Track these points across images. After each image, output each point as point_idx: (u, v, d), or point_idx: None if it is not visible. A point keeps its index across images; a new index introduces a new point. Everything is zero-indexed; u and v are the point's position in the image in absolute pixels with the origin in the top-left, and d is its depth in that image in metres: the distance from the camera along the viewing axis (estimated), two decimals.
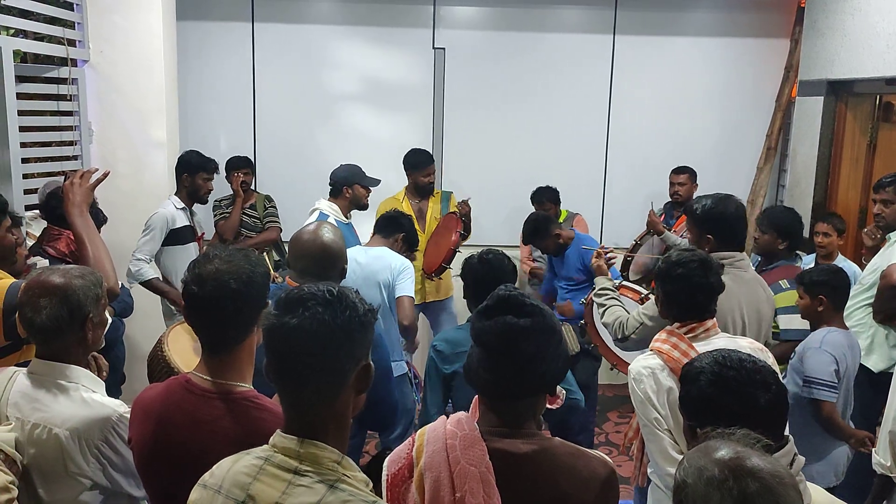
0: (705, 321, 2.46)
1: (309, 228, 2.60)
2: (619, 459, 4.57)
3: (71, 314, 1.88)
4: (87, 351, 1.99)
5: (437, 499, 1.54)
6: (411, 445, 1.65)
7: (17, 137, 3.57)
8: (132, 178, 4.42)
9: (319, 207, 4.17)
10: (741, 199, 3.02)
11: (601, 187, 5.65)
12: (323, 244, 2.51)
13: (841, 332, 3.07)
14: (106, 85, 4.36)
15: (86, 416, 1.87)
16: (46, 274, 1.93)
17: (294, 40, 5.41)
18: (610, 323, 3.10)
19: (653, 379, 2.36)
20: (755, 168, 5.60)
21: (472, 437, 1.57)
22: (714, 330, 2.47)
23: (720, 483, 1.25)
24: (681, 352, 2.35)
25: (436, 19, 5.44)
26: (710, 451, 1.32)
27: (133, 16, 4.34)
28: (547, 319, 1.62)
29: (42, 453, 1.86)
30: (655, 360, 2.40)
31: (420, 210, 4.87)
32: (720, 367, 1.76)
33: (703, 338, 2.43)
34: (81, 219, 2.58)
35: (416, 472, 1.59)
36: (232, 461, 1.40)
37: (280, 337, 1.33)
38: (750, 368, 1.75)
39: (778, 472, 1.26)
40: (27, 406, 1.89)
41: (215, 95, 5.41)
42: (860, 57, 4.43)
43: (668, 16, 5.50)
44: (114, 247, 3.83)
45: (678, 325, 2.47)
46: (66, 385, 1.91)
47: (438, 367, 2.78)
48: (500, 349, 1.58)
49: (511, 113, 5.55)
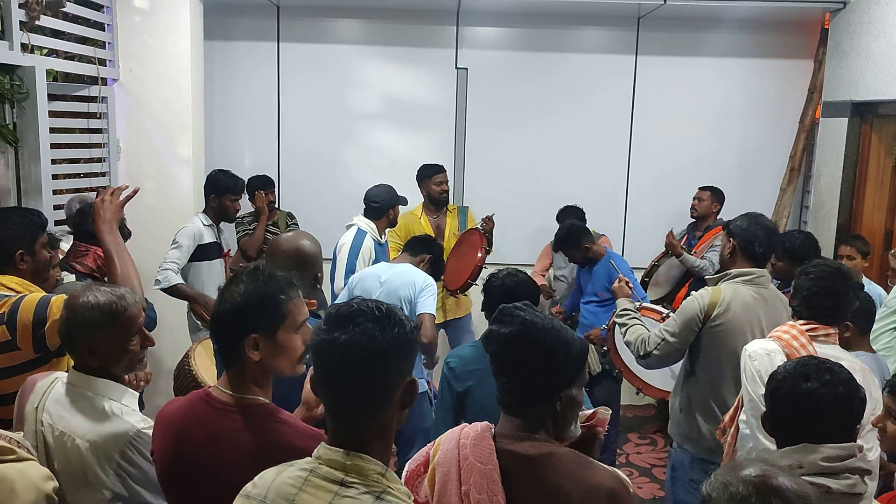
0: (830, 327, 2.55)
1: (285, 235, 2.58)
2: (640, 480, 4.53)
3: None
4: (125, 369, 2.02)
5: (445, 491, 1.60)
6: (431, 446, 1.72)
7: (49, 154, 3.64)
8: (158, 194, 4.49)
9: (357, 224, 4.18)
10: None
11: (623, 207, 5.64)
12: (298, 247, 2.48)
13: (869, 356, 3.03)
14: (134, 103, 4.44)
15: (104, 430, 1.90)
16: (85, 293, 1.98)
17: (318, 60, 5.48)
18: (632, 341, 3.11)
19: (768, 359, 2.43)
20: (778, 189, 5.57)
21: (482, 438, 1.64)
22: (833, 338, 2.56)
23: (743, 499, 1.25)
24: (800, 343, 2.45)
25: (458, 40, 5.48)
26: (738, 468, 1.32)
27: (162, 36, 4.43)
28: (532, 331, 1.64)
29: (68, 461, 1.91)
30: (773, 345, 2.48)
31: (438, 226, 4.89)
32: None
33: (823, 341, 2.52)
34: (111, 235, 2.62)
35: (430, 468, 1.66)
36: (276, 472, 1.41)
37: (329, 352, 1.35)
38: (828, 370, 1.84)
39: (804, 494, 1.25)
40: (57, 413, 1.94)
41: (241, 114, 5.48)
42: (885, 79, 4.40)
43: (691, 36, 5.50)
44: (138, 262, 3.87)
45: (802, 322, 2.55)
46: (93, 397, 1.95)
47: (451, 384, 2.73)
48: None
49: (533, 133, 5.56)
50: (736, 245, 3.00)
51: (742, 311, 2.65)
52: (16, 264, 2.49)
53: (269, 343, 1.72)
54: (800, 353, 2.36)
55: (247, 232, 4.93)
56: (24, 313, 2.27)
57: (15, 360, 2.27)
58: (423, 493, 1.64)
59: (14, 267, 2.49)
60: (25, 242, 2.51)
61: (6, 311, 2.28)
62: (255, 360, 1.69)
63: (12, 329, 2.26)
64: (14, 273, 2.48)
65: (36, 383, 2.02)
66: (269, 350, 1.72)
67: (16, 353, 2.25)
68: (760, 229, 3.00)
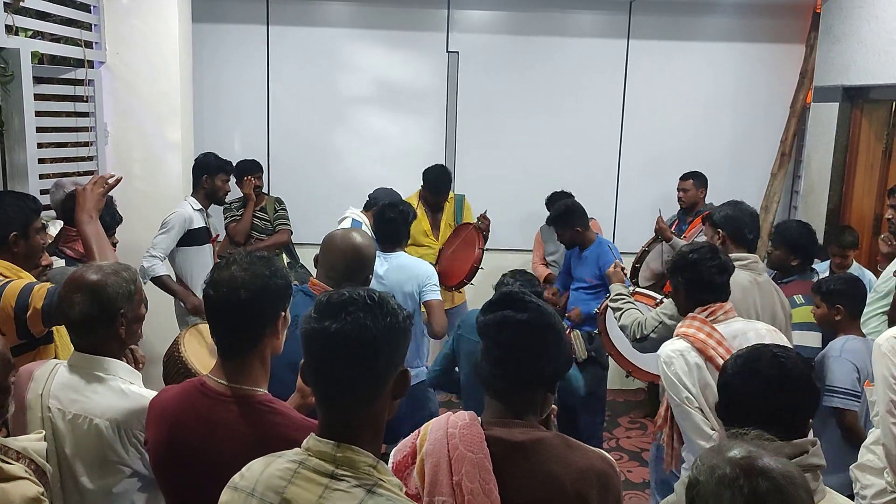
0: (724, 303, 2.58)
1: (340, 231, 2.61)
2: (630, 464, 4.56)
3: (101, 310, 1.92)
4: (123, 345, 2.03)
5: (436, 482, 1.59)
6: (416, 436, 1.70)
7: (35, 138, 3.60)
8: (147, 179, 4.45)
9: (351, 216, 4.16)
10: (754, 206, 3.15)
11: (614, 191, 5.64)
12: (356, 246, 2.53)
13: (859, 340, 3.05)
14: (122, 86, 4.38)
15: (125, 407, 1.91)
16: (83, 270, 1.99)
17: (308, 43, 5.43)
18: (628, 325, 3.13)
19: (682, 360, 2.47)
20: (769, 174, 5.58)
21: (471, 426, 1.63)
22: (732, 313, 2.59)
23: (731, 481, 1.27)
24: (705, 333, 2.48)
25: (450, 23, 5.44)
26: (723, 450, 1.34)
27: (149, 18, 4.37)
28: (546, 317, 1.67)
29: (83, 443, 1.91)
30: (683, 343, 2.51)
31: (434, 218, 4.87)
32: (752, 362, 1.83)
33: (723, 320, 2.56)
34: (91, 225, 2.60)
35: (419, 459, 1.64)
36: (264, 464, 1.39)
37: (320, 341, 1.33)
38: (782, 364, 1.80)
39: (789, 473, 1.28)
40: (67, 397, 1.93)
41: (230, 97, 5.43)
42: (876, 63, 4.41)
43: (683, 20, 5.49)
44: (128, 247, 3.87)
45: (700, 309, 2.57)
46: (105, 377, 1.96)
47: (455, 340, 3.13)
48: (499, 341, 1.64)
49: (524, 117, 5.54)
50: (725, 235, 3.03)
51: (740, 296, 2.70)
52: (9, 247, 2.48)
53: (282, 321, 1.77)
54: (708, 342, 2.44)
55: (235, 218, 4.90)
56: (7, 299, 2.28)
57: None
58: (413, 484, 1.62)
59: (7, 250, 2.48)
60: (20, 225, 2.50)
61: None
62: (276, 340, 1.74)
63: None
64: (6, 256, 2.47)
65: (33, 372, 2.01)
66: (281, 328, 1.77)
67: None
68: (745, 215, 3.09)
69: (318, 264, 2.64)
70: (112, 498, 1.93)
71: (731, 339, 2.48)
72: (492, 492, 1.55)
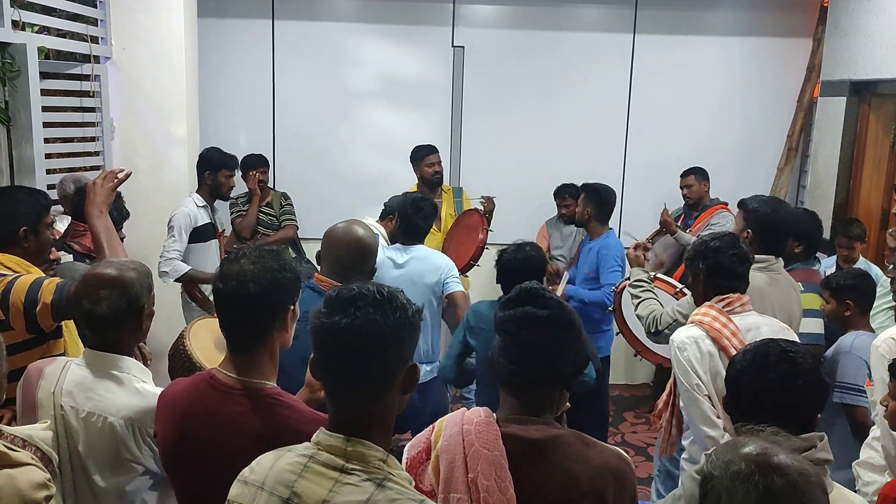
0: (742, 295, 2.58)
1: (342, 224, 2.60)
2: (636, 459, 4.56)
3: (130, 305, 1.94)
4: (138, 341, 2.05)
5: (451, 479, 1.59)
6: (431, 431, 1.69)
7: (41, 133, 3.60)
8: (152, 173, 4.45)
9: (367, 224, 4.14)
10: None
11: (619, 185, 5.61)
12: (359, 238, 2.53)
13: (869, 336, 3.03)
14: (128, 81, 4.38)
15: (139, 406, 1.91)
16: (103, 267, 2.00)
17: (313, 38, 5.42)
18: (644, 316, 3.13)
19: (696, 346, 2.47)
20: (776, 168, 5.56)
21: (486, 423, 1.62)
22: (748, 306, 2.59)
23: (746, 477, 1.26)
24: (721, 323, 2.48)
25: (455, 18, 5.43)
26: (739, 445, 1.33)
27: (155, 13, 4.36)
28: (566, 314, 1.67)
29: (96, 441, 1.91)
30: (697, 331, 2.51)
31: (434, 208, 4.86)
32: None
33: (740, 311, 2.56)
34: (100, 219, 2.61)
35: (433, 455, 1.63)
36: (273, 457, 1.39)
37: (329, 336, 1.33)
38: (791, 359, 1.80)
39: (805, 471, 1.27)
40: (81, 395, 1.93)
41: (235, 92, 5.43)
42: (883, 57, 4.38)
43: (689, 15, 5.46)
44: (133, 241, 3.87)
45: (717, 298, 2.57)
46: (120, 375, 1.96)
47: (465, 330, 3.08)
48: (518, 337, 1.64)
49: (530, 111, 5.53)
50: (754, 235, 3.00)
51: (757, 297, 2.68)
52: (19, 242, 2.48)
53: (291, 315, 1.78)
54: (723, 332, 2.46)
55: (240, 213, 4.90)
56: (17, 294, 2.28)
57: (9, 340, 2.26)
58: (428, 480, 1.62)
59: (17, 245, 2.47)
60: (31, 220, 2.50)
61: (0, 291, 2.27)
62: (285, 334, 1.75)
63: (5, 309, 2.26)
64: (16, 251, 2.47)
65: (43, 369, 2.00)
66: (290, 321, 1.78)
67: (10, 333, 2.24)
68: (780, 224, 3.03)
69: (320, 259, 2.62)
70: (124, 496, 1.93)
71: (745, 332, 2.48)
72: (507, 489, 1.54)
